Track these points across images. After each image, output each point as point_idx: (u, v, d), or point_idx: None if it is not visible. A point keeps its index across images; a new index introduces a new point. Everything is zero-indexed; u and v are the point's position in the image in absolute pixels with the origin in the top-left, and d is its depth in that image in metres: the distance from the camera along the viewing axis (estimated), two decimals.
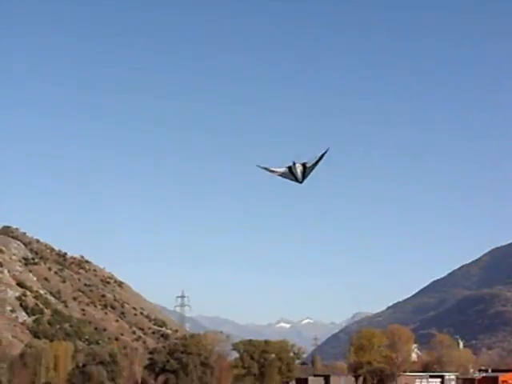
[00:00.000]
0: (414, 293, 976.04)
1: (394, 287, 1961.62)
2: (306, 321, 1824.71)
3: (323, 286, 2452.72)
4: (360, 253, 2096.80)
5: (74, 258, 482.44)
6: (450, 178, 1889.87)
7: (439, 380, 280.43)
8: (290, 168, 25.46)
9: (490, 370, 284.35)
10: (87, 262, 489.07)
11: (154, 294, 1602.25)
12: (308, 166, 26.60)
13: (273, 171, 26.42)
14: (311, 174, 26.91)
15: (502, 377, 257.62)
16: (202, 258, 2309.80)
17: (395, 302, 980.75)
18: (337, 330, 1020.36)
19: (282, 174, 26.24)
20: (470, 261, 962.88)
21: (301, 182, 26.71)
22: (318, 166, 26.77)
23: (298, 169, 25.63)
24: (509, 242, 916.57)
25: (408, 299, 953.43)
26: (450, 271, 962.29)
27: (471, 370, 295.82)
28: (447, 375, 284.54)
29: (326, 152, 25.73)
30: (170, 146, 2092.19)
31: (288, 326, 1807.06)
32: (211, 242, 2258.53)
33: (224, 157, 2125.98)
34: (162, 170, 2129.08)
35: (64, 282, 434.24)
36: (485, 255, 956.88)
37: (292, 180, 26.64)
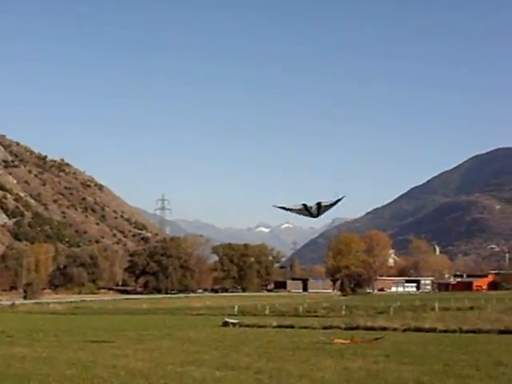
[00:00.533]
0: (392, 199, 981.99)
1: (374, 193, 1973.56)
2: (286, 225, 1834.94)
3: (303, 192, 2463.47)
4: (340, 158, 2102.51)
5: (54, 161, 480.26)
6: (430, 84, 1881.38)
7: (415, 284, 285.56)
8: (305, 206, 25.73)
9: (464, 276, 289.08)
10: (67, 164, 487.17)
11: (135, 198, 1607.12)
12: (323, 205, 26.80)
13: (290, 209, 26.66)
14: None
15: (476, 282, 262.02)
16: (183, 162, 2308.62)
17: (374, 207, 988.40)
18: (316, 235, 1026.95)
19: (298, 211, 26.51)
20: (449, 168, 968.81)
21: (316, 217, 27.12)
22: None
23: (314, 207, 25.94)
24: (489, 149, 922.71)
25: (387, 205, 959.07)
26: (429, 178, 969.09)
27: (446, 275, 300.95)
28: (423, 280, 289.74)
29: (341, 198, 25.89)
30: (157, 50, 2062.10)
31: (267, 230, 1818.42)
32: (192, 145, 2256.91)
33: (208, 54, 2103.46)
34: (146, 70, 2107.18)
35: (44, 184, 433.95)
36: (465, 163, 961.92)
37: (307, 215, 27.05)
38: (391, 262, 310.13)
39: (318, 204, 26.83)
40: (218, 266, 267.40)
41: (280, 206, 27.81)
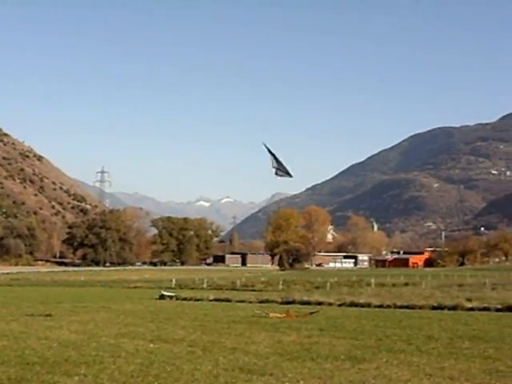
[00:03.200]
0: (332, 176, 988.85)
1: (313, 170, 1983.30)
2: (226, 200, 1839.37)
3: (243, 165, 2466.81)
4: (280, 134, 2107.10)
5: None
6: (373, 61, 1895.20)
7: (352, 260, 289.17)
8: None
9: (401, 253, 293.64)
10: (5, 134, 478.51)
11: (74, 169, 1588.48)
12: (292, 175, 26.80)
13: (275, 156, 26.30)
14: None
15: (412, 259, 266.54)
16: (123, 134, 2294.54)
17: (314, 184, 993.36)
18: (255, 210, 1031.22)
19: (279, 163, 26.24)
20: (389, 146, 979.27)
21: (291, 176, 26.95)
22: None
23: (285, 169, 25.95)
24: (428, 128, 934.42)
25: (326, 182, 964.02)
26: (368, 155, 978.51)
27: (384, 252, 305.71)
28: (360, 256, 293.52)
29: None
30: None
31: (207, 204, 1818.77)
32: (132, 117, 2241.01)
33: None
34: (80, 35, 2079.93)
35: None
36: (404, 141, 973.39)
37: (283, 173, 26.76)
38: (330, 237, 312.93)
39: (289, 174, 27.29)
40: (157, 240, 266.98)
41: (269, 147, 27.71)
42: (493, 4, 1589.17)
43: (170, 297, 54.89)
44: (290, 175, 27.27)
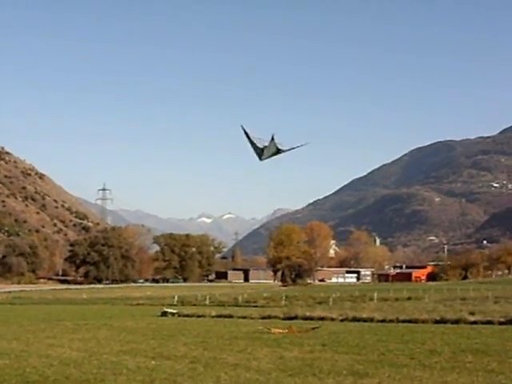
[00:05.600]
0: (334, 190, 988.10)
1: (315, 184, 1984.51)
2: (228, 216, 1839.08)
3: (245, 181, 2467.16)
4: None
5: None
6: (372, 77, 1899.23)
7: (355, 275, 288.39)
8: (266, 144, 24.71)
9: (404, 267, 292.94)
10: (7, 153, 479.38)
11: (76, 187, 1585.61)
12: (281, 150, 25.76)
13: (249, 137, 25.51)
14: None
15: (415, 273, 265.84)
16: (125, 151, 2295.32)
17: (315, 199, 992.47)
18: (257, 226, 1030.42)
19: (255, 144, 25.39)
20: (390, 160, 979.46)
21: (260, 159, 25.94)
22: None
23: (271, 148, 24.87)
24: (429, 142, 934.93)
25: (328, 197, 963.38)
26: (370, 170, 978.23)
27: (386, 266, 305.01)
28: (363, 271, 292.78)
29: (302, 145, 25.17)
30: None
31: (209, 220, 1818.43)
32: (134, 133, 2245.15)
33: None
34: (83, 58, 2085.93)
35: None
36: (405, 155, 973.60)
37: (256, 151, 25.79)
38: (332, 252, 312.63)
39: (278, 149, 26.07)
40: (160, 256, 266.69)
41: (245, 129, 26.93)
42: (494, 18, 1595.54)
43: (172, 314, 54.86)
44: (278, 150, 25.83)
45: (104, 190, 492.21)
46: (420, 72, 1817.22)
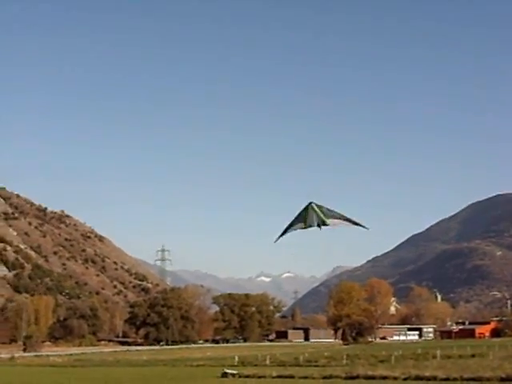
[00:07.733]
0: (393, 247, 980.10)
1: (374, 241, 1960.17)
2: (287, 274, 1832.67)
3: (304, 240, 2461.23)
4: (339, 207, 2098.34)
5: (55, 213, 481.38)
6: (428, 131, 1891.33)
7: (417, 332, 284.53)
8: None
9: (467, 323, 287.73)
10: (68, 216, 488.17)
11: (135, 249, 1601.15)
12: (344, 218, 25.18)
13: (286, 231, 25.19)
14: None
15: (478, 329, 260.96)
16: (183, 212, 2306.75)
17: (374, 256, 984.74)
18: (317, 284, 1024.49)
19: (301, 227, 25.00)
20: (448, 215, 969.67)
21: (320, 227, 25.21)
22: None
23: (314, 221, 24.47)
24: (487, 196, 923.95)
25: (387, 253, 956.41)
26: (428, 226, 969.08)
27: (449, 323, 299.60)
28: (425, 328, 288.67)
29: (361, 226, 24.59)
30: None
31: (268, 279, 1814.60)
32: (192, 196, 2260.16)
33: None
34: (144, 118, 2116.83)
35: (44, 236, 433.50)
36: (463, 210, 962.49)
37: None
38: (393, 310, 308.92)
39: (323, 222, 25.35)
40: (219, 317, 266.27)
41: (279, 236, 26.70)
42: None
43: (233, 374, 54.55)
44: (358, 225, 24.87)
45: (163, 250, 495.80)
46: (476, 125, 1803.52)
